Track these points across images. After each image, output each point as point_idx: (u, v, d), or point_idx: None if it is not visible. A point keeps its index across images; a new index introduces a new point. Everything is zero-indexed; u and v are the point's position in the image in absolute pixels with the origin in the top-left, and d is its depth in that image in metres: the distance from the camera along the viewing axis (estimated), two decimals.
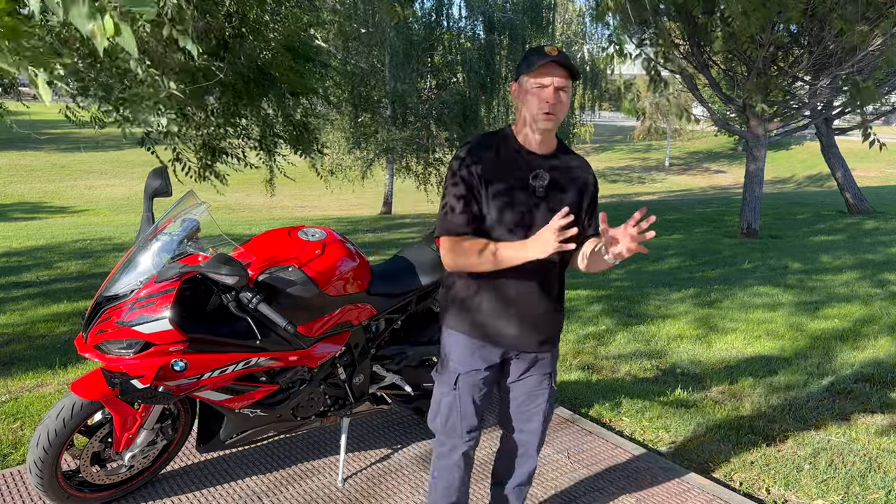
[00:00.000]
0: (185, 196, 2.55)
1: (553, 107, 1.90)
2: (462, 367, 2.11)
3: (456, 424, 2.14)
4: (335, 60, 13.85)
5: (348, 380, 2.83)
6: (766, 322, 5.64)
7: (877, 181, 26.29)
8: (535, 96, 1.91)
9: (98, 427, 2.52)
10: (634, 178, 33.00)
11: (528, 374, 2.17)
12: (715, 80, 11.87)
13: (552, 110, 1.91)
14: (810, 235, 11.66)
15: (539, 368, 2.17)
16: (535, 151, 2.02)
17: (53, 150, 28.17)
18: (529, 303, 2.06)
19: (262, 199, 21.00)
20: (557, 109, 1.92)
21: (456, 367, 2.12)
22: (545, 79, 1.89)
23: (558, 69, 1.89)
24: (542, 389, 2.19)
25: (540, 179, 1.99)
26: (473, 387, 2.11)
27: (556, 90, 1.90)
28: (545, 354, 2.17)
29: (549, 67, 1.88)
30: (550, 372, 2.20)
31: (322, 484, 2.85)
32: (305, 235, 2.69)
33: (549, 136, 2.00)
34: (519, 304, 2.06)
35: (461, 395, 2.11)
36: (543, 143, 2.01)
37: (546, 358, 2.18)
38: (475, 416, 2.14)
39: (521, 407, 2.21)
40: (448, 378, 2.13)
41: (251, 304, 2.31)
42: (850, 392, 4.03)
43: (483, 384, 2.13)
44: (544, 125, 1.93)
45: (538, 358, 2.16)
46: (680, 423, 3.59)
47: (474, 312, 2.08)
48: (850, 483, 2.99)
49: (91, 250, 8.87)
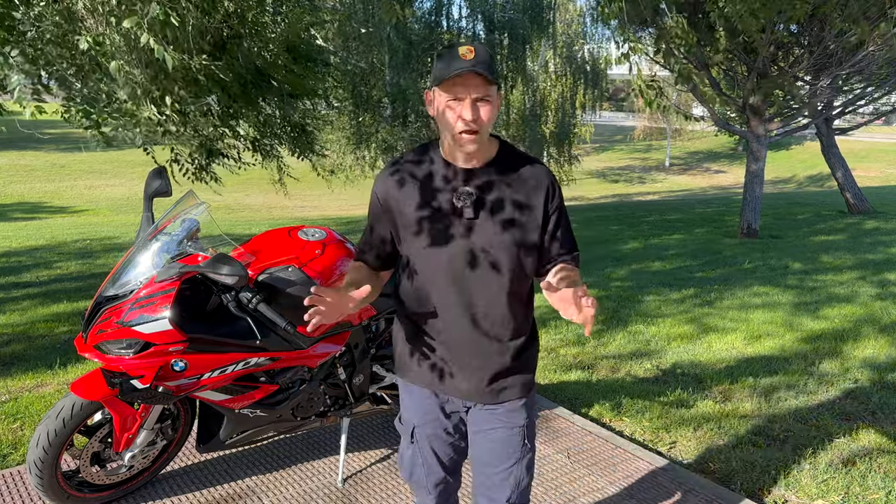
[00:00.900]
0: (185, 196, 2.55)
1: (474, 122, 1.57)
2: (416, 419, 1.85)
3: (421, 478, 1.90)
4: (336, 59, 13.86)
5: (348, 380, 2.83)
6: (767, 322, 5.64)
7: (877, 181, 26.29)
8: (452, 111, 1.59)
9: (98, 427, 2.52)
10: (634, 178, 32.99)
11: (491, 427, 1.78)
12: (715, 79, 11.87)
13: (473, 126, 1.58)
14: (811, 235, 11.66)
15: (506, 420, 1.77)
16: (462, 165, 1.68)
17: (53, 150, 28.16)
18: (472, 341, 1.72)
19: (261, 199, 21.00)
20: (480, 124, 1.58)
21: (410, 419, 1.87)
22: (460, 91, 1.56)
23: (475, 78, 1.55)
24: (510, 448, 1.77)
25: (463, 198, 1.66)
26: (433, 438, 1.84)
27: (474, 102, 1.57)
28: (512, 404, 1.77)
29: (465, 78, 1.55)
30: (524, 424, 1.78)
31: (322, 484, 2.85)
32: (305, 235, 2.69)
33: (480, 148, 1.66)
34: (457, 344, 1.73)
35: (420, 448, 1.86)
36: (473, 154, 1.67)
37: (514, 408, 1.77)
38: (440, 468, 1.88)
39: (487, 469, 1.80)
40: (405, 430, 1.90)
41: (251, 304, 2.31)
42: (851, 392, 4.03)
43: (445, 434, 1.84)
44: (468, 147, 1.62)
45: (503, 409, 1.77)
46: (680, 424, 3.59)
47: (413, 357, 1.82)
48: (851, 483, 2.99)
49: (91, 250, 8.87)
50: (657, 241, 11.34)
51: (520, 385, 1.78)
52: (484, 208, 1.67)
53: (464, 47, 1.56)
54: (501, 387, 1.76)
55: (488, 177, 1.68)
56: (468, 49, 1.56)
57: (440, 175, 1.70)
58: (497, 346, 1.73)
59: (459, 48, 1.56)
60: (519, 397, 1.78)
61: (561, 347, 4.93)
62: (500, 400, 1.76)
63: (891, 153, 32.83)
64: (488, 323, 1.71)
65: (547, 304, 6.06)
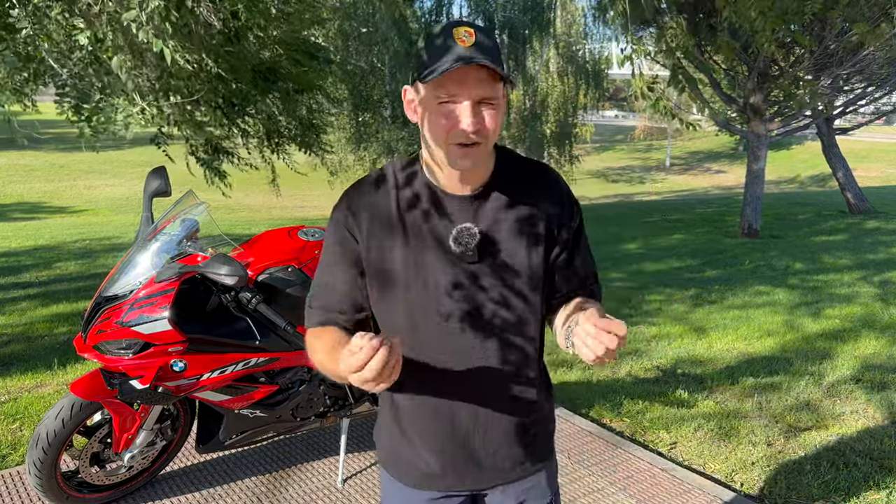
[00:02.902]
0: (185, 196, 2.54)
1: (476, 133, 1.14)
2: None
3: None
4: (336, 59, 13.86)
5: None
6: (767, 322, 5.63)
7: (877, 181, 26.28)
8: (445, 117, 1.15)
9: (97, 427, 2.52)
10: (635, 178, 32.99)
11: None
12: (716, 80, 11.87)
13: (474, 138, 1.15)
14: (811, 235, 11.65)
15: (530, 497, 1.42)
16: (453, 193, 1.25)
17: (53, 150, 28.17)
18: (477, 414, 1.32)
19: (261, 199, 21.00)
20: (483, 134, 1.15)
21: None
22: (455, 90, 1.13)
23: (478, 71, 1.13)
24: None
25: (464, 240, 1.23)
26: None
27: (475, 105, 1.14)
28: (533, 479, 1.42)
29: (463, 72, 1.12)
30: (549, 501, 1.44)
31: (322, 484, 2.84)
32: (305, 235, 2.69)
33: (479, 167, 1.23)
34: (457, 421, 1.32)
35: None
36: (469, 176, 1.23)
37: (537, 483, 1.42)
38: None
39: None
40: None
41: (251, 304, 2.30)
42: (851, 392, 4.03)
43: None
44: (463, 164, 1.18)
45: (522, 487, 1.41)
46: (680, 424, 3.58)
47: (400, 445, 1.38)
48: (851, 483, 2.98)
49: (91, 250, 8.87)
50: (658, 242, 11.33)
51: (543, 451, 1.42)
52: (489, 247, 1.24)
53: (461, 28, 1.13)
54: (521, 461, 1.38)
55: (491, 203, 1.26)
56: (467, 31, 1.13)
57: (426, 205, 1.25)
58: (508, 416, 1.34)
59: (455, 29, 1.13)
60: (539, 470, 1.42)
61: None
62: (519, 476, 1.40)
63: (891, 153, 32.82)
64: (496, 389, 1.32)
65: None
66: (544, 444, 1.43)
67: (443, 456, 1.34)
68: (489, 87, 1.14)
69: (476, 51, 1.12)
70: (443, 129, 1.15)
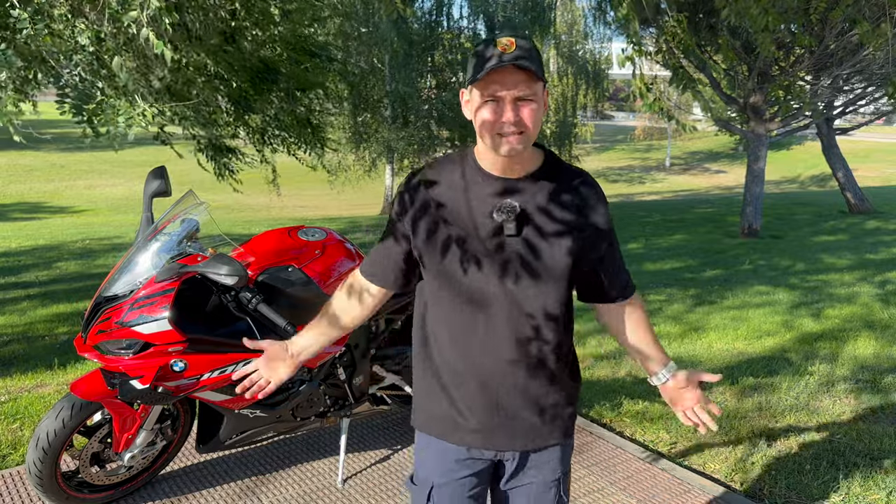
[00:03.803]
0: (185, 196, 2.54)
1: (516, 124, 1.37)
2: (435, 478, 1.59)
3: None
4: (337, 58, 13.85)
5: (348, 380, 2.82)
6: (767, 322, 5.63)
7: (877, 181, 26.28)
8: (490, 112, 1.38)
9: (97, 427, 2.52)
10: (635, 178, 32.99)
11: (526, 481, 1.61)
12: (716, 80, 11.87)
13: (516, 129, 1.37)
14: (812, 235, 11.65)
15: (541, 472, 1.59)
16: (501, 175, 1.47)
17: (53, 149, 28.18)
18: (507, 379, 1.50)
19: (262, 199, 20.99)
20: (522, 126, 1.37)
21: (428, 477, 1.61)
22: (498, 90, 1.36)
23: (516, 73, 1.35)
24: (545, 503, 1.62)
25: (506, 214, 1.44)
26: (453, 499, 1.59)
27: (515, 101, 1.36)
28: (549, 454, 1.59)
29: (503, 74, 1.35)
30: (558, 478, 1.61)
31: (322, 484, 2.84)
32: (305, 235, 2.69)
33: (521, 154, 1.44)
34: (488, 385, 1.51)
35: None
36: (514, 163, 1.46)
37: (552, 459, 1.59)
38: None
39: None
40: (420, 491, 1.62)
41: (251, 304, 2.30)
42: (851, 392, 4.03)
43: (468, 494, 1.60)
44: (506, 150, 1.40)
45: (540, 459, 1.59)
46: (680, 424, 3.58)
47: (433, 405, 1.59)
48: (851, 483, 2.98)
49: (91, 250, 8.87)
50: (658, 242, 11.33)
51: (559, 430, 1.58)
52: (528, 224, 1.45)
53: (504, 38, 1.36)
54: (538, 433, 1.56)
55: (533, 189, 1.47)
56: (508, 41, 1.35)
57: (476, 186, 1.47)
58: (536, 385, 1.52)
59: (499, 39, 1.36)
60: (556, 444, 1.59)
61: None
62: (536, 447, 1.57)
63: (891, 153, 32.82)
64: (526, 357, 1.49)
65: None
66: (562, 423, 1.58)
67: (473, 413, 1.53)
68: (526, 87, 1.36)
69: (514, 56, 1.33)
70: (488, 122, 1.38)
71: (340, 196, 22.46)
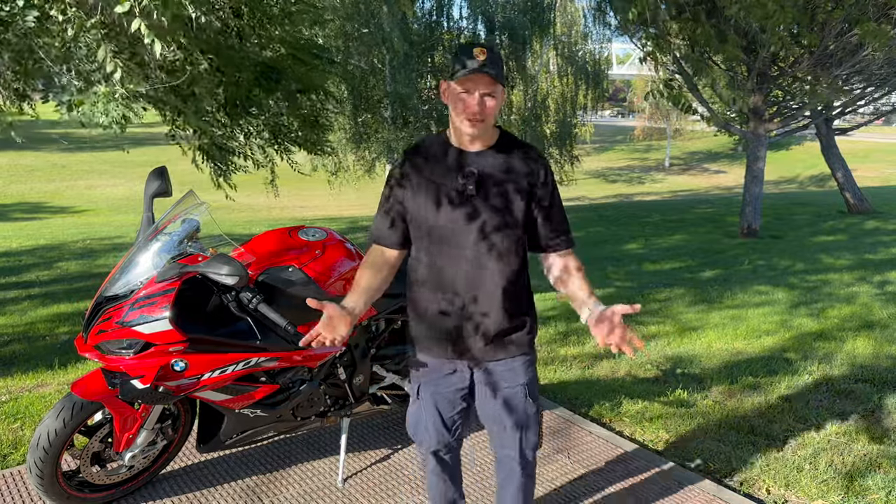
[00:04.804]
0: (186, 196, 2.55)
1: (479, 113, 1.86)
2: (423, 378, 2.10)
3: (423, 434, 2.12)
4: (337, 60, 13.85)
5: (348, 380, 2.83)
6: (766, 322, 5.64)
7: (877, 181, 26.29)
8: (462, 102, 1.86)
9: (98, 427, 2.52)
10: (634, 178, 32.99)
11: (496, 387, 2.04)
12: (716, 80, 11.86)
13: (479, 116, 1.86)
14: (811, 236, 11.66)
15: (508, 379, 2.03)
16: (467, 149, 1.96)
17: (54, 150, 28.18)
18: (475, 304, 1.96)
19: (262, 199, 20.98)
20: (485, 114, 1.87)
21: (417, 377, 2.12)
22: (470, 87, 1.84)
23: (484, 77, 1.82)
24: (514, 405, 2.04)
25: (468, 178, 1.91)
26: (437, 396, 2.07)
27: (481, 96, 1.85)
28: (513, 363, 2.03)
29: (475, 77, 1.82)
30: (524, 383, 2.04)
31: (322, 484, 2.85)
32: (306, 235, 2.69)
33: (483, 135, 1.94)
34: (461, 307, 1.97)
35: (424, 404, 2.10)
36: (477, 140, 1.94)
37: (516, 367, 2.04)
38: (442, 425, 2.09)
39: (496, 426, 2.09)
40: (412, 388, 2.15)
41: (251, 304, 2.31)
42: (851, 392, 4.03)
43: (449, 394, 2.07)
44: (471, 131, 1.89)
45: (505, 368, 2.03)
46: (680, 424, 3.59)
47: (421, 320, 2.05)
48: (851, 483, 2.99)
49: (91, 250, 8.87)
50: (658, 242, 11.34)
51: (519, 344, 2.02)
52: (484, 186, 1.92)
53: (478, 48, 1.81)
54: (502, 346, 2.00)
55: (489, 158, 1.95)
56: (481, 51, 1.81)
57: (449, 157, 1.96)
58: (496, 308, 1.96)
59: (474, 49, 1.81)
60: (518, 355, 2.03)
61: (561, 347, 4.94)
62: (500, 357, 2.01)
63: (891, 153, 32.83)
64: (489, 287, 1.95)
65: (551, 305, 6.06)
66: (521, 341, 2.03)
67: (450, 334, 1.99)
68: (490, 86, 1.85)
69: (484, 63, 1.81)
70: (460, 109, 1.87)
71: (340, 196, 22.45)
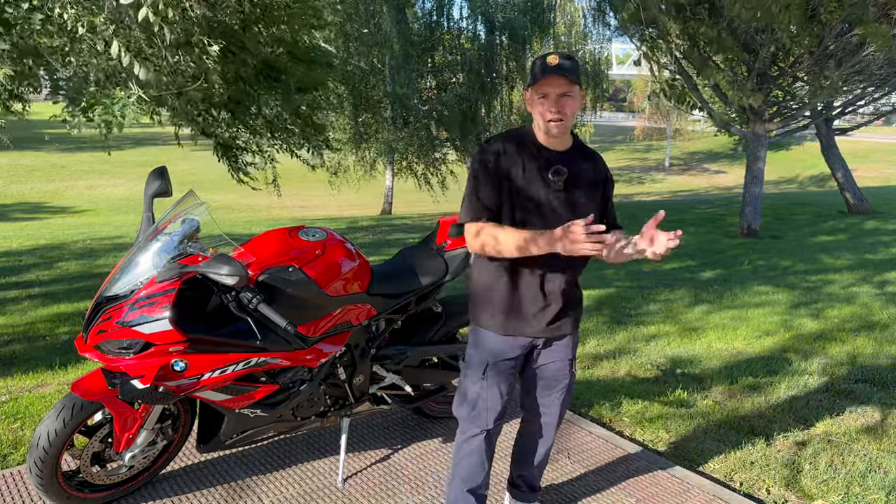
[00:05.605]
0: (186, 196, 2.55)
1: (558, 113, 2.02)
2: (491, 358, 2.23)
3: (482, 413, 2.25)
4: (337, 60, 13.84)
5: (348, 380, 2.83)
6: (766, 322, 5.64)
7: (877, 181, 26.29)
8: (541, 105, 2.04)
9: (98, 427, 2.52)
10: (634, 178, 32.99)
11: (551, 360, 2.31)
12: (716, 79, 11.86)
13: (558, 116, 2.03)
14: (811, 236, 11.66)
15: (561, 354, 2.31)
16: (552, 148, 2.14)
17: (54, 150, 28.18)
18: (553, 290, 2.17)
19: (262, 199, 21.00)
20: (564, 114, 2.03)
21: (485, 358, 2.23)
22: (547, 90, 2.01)
23: (559, 79, 1.98)
24: (562, 375, 2.34)
25: (558, 174, 2.10)
26: (500, 375, 2.24)
27: (558, 97, 2.01)
28: (567, 340, 2.30)
29: (549, 79, 1.99)
30: (571, 358, 2.35)
31: (322, 484, 2.85)
32: (306, 235, 2.69)
33: (563, 135, 2.13)
34: (542, 293, 2.17)
35: (488, 384, 2.23)
36: (559, 141, 2.14)
37: (568, 344, 2.31)
38: (500, 404, 2.26)
39: (543, 392, 2.36)
40: (476, 368, 2.25)
41: (251, 304, 2.31)
42: (850, 392, 4.03)
43: (508, 373, 2.26)
44: (555, 131, 2.07)
45: (561, 344, 2.29)
46: (680, 423, 3.59)
47: (498, 303, 2.19)
48: (850, 483, 2.99)
49: (92, 250, 8.87)
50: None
51: (573, 323, 2.29)
52: (570, 182, 2.13)
53: (552, 56, 2.02)
54: (561, 325, 2.24)
55: (572, 159, 2.16)
56: (554, 57, 2.01)
57: (536, 154, 2.13)
58: (570, 289, 2.22)
59: (548, 57, 2.02)
60: (571, 333, 2.30)
61: None
62: (559, 335, 2.26)
63: (891, 153, 32.82)
64: (568, 271, 2.18)
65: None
66: (578, 319, 2.32)
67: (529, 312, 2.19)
68: (566, 87, 2.02)
69: (559, 67, 1.99)
70: (541, 112, 2.07)
71: (340, 196, 22.47)
